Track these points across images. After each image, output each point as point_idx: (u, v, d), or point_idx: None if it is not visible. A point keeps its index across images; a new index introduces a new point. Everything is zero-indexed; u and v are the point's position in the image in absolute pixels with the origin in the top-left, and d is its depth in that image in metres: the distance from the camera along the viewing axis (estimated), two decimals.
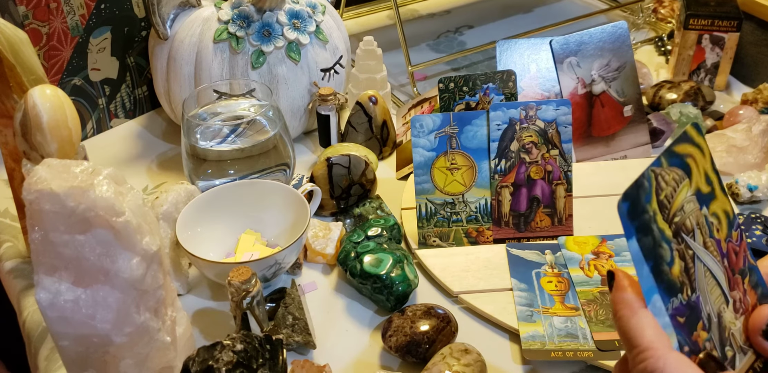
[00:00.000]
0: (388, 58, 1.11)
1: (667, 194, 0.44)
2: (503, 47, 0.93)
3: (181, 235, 0.74)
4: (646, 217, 0.43)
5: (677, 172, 0.45)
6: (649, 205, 0.43)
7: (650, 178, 0.44)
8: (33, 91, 0.62)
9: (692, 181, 0.46)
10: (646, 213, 0.43)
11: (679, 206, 0.45)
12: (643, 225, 0.43)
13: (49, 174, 0.53)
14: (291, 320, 0.71)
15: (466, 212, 0.82)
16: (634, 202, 0.43)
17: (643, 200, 0.43)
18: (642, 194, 0.43)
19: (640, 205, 0.43)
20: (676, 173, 0.45)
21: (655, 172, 0.44)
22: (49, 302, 0.55)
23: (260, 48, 0.89)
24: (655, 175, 0.44)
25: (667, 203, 0.44)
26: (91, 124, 1.01)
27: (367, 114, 0.94)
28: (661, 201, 0.44)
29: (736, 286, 0.48)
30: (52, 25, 0.90)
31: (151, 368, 0.60)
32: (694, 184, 0.46)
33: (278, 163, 0.86)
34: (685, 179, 0.46)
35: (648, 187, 0.44)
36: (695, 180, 0.46)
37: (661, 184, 0.44)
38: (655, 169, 0.44)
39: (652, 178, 0.44)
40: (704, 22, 1.05)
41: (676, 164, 0.46)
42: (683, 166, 0.46)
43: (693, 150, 0.47)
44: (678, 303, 0.43)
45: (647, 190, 0.43)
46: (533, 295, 0.75)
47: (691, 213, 0.46)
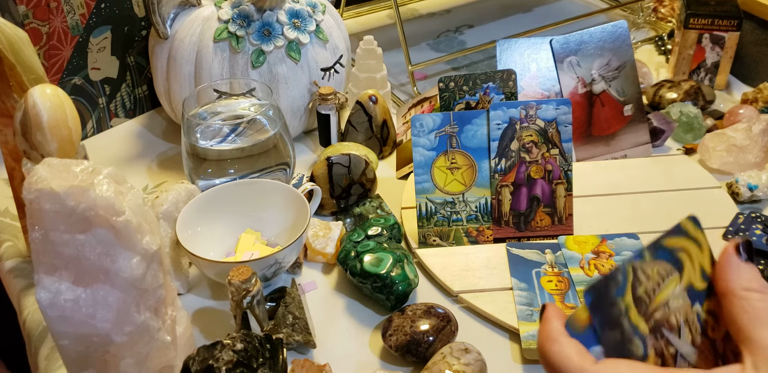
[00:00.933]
0: (388, 58, 1.11)
1: (647, 289, 0.42)
2: (503, 46, 0.93)
3: (181, 234, 0.74)
4: (615, 311, 0.41)
5: (663, 266, 0.43)
6: (620, 298, 0.42)
7: (626, 272, 0.42)
8: (33, 91, 0.62)
9: (684, 275, 0.44)
10: (615, 307, 0.41)
11: (664, 301, 0.43)
12: (611, 319, 0.41)
13: (49, 173, 0.53)
14: (291, 319, 0.71)
15: (466, 211, 0.82)
16: (599, 294, 0.41)
17: (612, 293, 0.41)
18: (613, 287, 0.41)
19: (608, 298, 0.41)
20: (662, 267, 0.43)
21: (633, 267, 0.42)
22: (50, 302, 0.55)
23: (260, 47, 0.89)
24: (633, 269, 0.42)
25: (647, 298, 0.42)
26: (91, 123, 1.01)
27: (367, 113, 0.94)
28: (639, 296, 0.42)
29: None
30: (52, 24, 0.90)
31: (151, 368, 0.60)
32: (685, 280, 0.44)
33: (278, 162, 0.86)
34: (674, 274, 0.44)
35: (622, 281, 0.42)
36: (687, 275, 0.44)
37: (640, 278, 0.42)
38: (635, 264, 0.42)
39: (628, 272, 0.42)
40: (704, 21, 1.05)
41: (664, 258, 0.43)
42: (673, 261, 0.44)
43: (687, 244, 0.45)
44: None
45: (620, 283, 0.42)
46: (533, 294, 0.75)
47: (677, 310, 0.44)
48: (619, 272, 0.42)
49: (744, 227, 0.82)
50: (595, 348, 0.41)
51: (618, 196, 0.88)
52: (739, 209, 0.86)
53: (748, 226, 0.82)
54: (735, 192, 0.88)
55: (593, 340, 0.41)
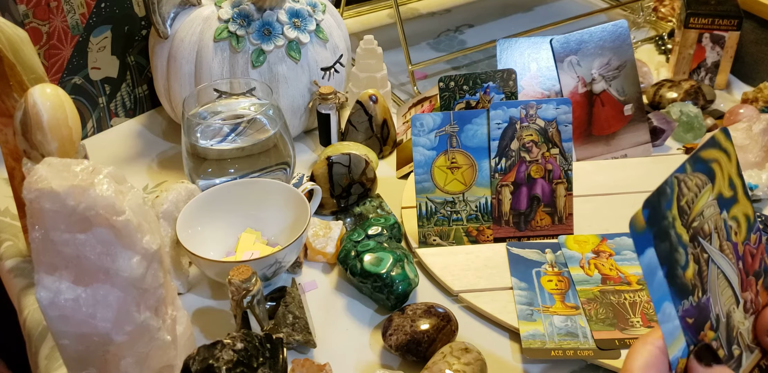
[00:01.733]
0: (389, 57, 1.11)
1: (688, 200, 0.45)
2: (503, 46, 0.93)
3: (181, 234, 0.74)
4: (665, 223, 0.44)
5: (700, 177, 0.46)
6: (669, 211, 0.44)
7: (672, 184, 0.45)
8: (33, 90, 0.62)
9: (715, 186, 0.47)
10: (666, 219, 0.44)
11: (699, 210, 0.46)
12: (662, 231, 0.44)
13: (49, 173, 0.53)
14: (291, 318, 0.71)
15: (467, 210, 0.82)
16: (655, 208, 0.44)
17: (663, 206, 0.44)
18: (663, 200, 0.44)
19: (660, 211, 0.44)
20: (699, 179, 0.46)
21: (678, 179, 0.45)
22: (50, 301, 0.55)
23: (260, 47, 0.89)
24: (678, 182, 0.45)
25: (687, 208, 0.45)
26: (91, 123, 1.01)
27: (368, 113, 0.94)
28: (682, 207, 0.45)
29: (748, 287, 0.49)
30: (53, 24, 0.90)
31: (151, 367, 0.60)
32: (716, 189, 0.47)
33: (278, 162, 0.86)
34: (707, 184, 0.47)
35: (670, 193, 0.44)
36: (718, 185, 0.47)
37: (683, 190, 0.45)
38: (679, 176, 0.45)
39: (674, 184, 0.45)
40: (704, 20, 1.05)
41: (701, 170, 0.46)
42: (707, 172, 0.47)
43: (719, 155, 0.48)
44: (688, 305, 0.44)
45: (668, 197, 0.44)
46: (533, 294, 0.75)
47: (710, 217, 0.47)
48: (667, 185, 0.44)
49: None
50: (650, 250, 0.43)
51: (618, 195, 0.88)
52: None
53: None
54: None
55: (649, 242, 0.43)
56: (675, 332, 0.44)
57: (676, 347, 0.44)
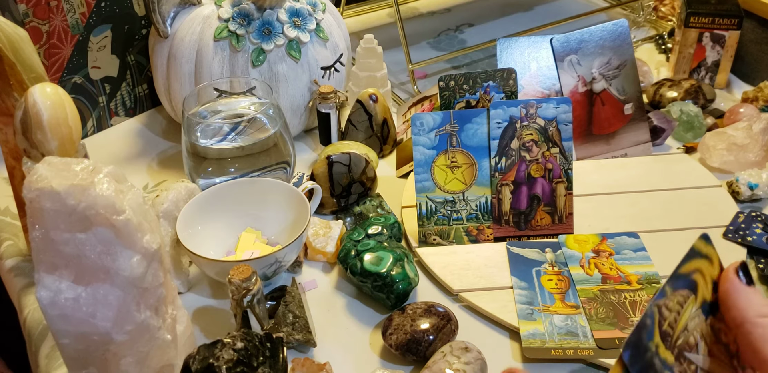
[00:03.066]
0: (389, 56, 1.11)
1: (670, 321, 0.44)
2: (504, 45, 0.93)
3: (181, 233, 0.74)
4: (648, 355, 0.42)
5: (682, 293, 0.44)
6: (651, 342, 0.42)
7: (653, 314, 0.43)
8: (33, 90, 0.62)
9: (698, 295, 0.45)
10: (648, 351, 0.42)
11: (683, 326, 0.44)
12: (646, 365, 0.42)
13: (49, 172, 0.53)
14: (291, 318, 0.71)
15: (467, 210, 0.82)
16: (636, 346, 0.42)
17: (645, 340, 0.42)
18: (644, 334, 0.42)
19: (641, 347, 0.42)
20: (681, 295, 0.44)
21: (658, 306, 0.43)
22: (50, 300, 0.55)
23: (260, 46, 0.89)
24: (658, 309, 0.43)
25: (671, 329, 0.44)
26: (91, 122, 1.01)
27: (368, 112, 0.94)
28: (665, 331, 0.43)
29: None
30: (53, 23, 0.90)
31: (151, 366, 0.60)
32: (699, 298, 0.45)
33: (279, 161, 0.86)
34: (690, 296, 0.45)
35: (650, 324, 0.43)
36: (701, 293, 0.45)
37: (664, 314, 0.43)
38: (659, 302, 0.43)
39: (655, 313, 0.43)
40: (705, 20, 1.05)
41: (682, 286, 0.44)
42: (689, 285, 0.45)
43: (700, 263, 0.46)
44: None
45: (649, 328, 0.42)
46: (533, 293, 0.75)
47: (695, 328, 0.45)
48: (647, 317, 0.42)
49: (744, 226, 0.82)
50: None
51: (618, 195, 0.88)
52: (740, 207, 0.86)
53: (749, 225, 0.82)
54: (735, 191, 0.88)
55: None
56: None
57: None
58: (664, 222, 0.83)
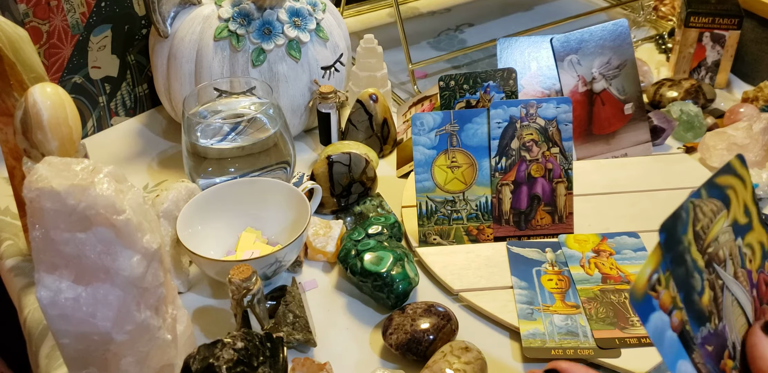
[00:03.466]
0: (389, 56, 1.11)
1: (703, 225, 0.45)
2: (504, 45, 0.93)
3: (181, 233, 0.74)
4: (681, 247, 0.43)
5: (716, 203, 0.46)
6: (684, 236, 0.44)
7: (688, 209, 0.44)
8: (33, 89, 0.62)
9: (730, 212, 0.46)
10: (681, 244, 0.43)
11: (714, 236, 0.45)
12: (678, 255, 0.43)
13: (49, 172, 0.53)
14: (291, 317, 0.71)
15: (467, 209, 0.82)
16: (671, 233, 0.43)
17: (679, 231, 0.43)
18: (679, 225, 0.43)
19: (676, 236, 0.43)
20: (715, 204, 0.46)
21: (693, 204, 0.44)
22: (50, 300, 0.55)
23: (261, 46, 0.89)
24: (694, 207, 0.44)
25: (703, 233, 0.45)
26: (91, 122, 1.01)
27: (368, 112, 0.94)
28: (697, 232, 0.44)
29: (762, 315, 0.48)
30: (53, 23, 0.90)
31: (151, 366, 0.60)
32: (731, 216, 0.47)
33: (279, 161, 0.86)
34: (723, 211, 0.46)
35: (685, 218, 0.44)
36: (733, 211, 0.47)
37: (698, 215, 0.44)
38: (694, 201, 0.44)
39: (690, 209, 0.44)
40: (705, 19, 1.05)
41: (716, 196, 0.46)
42: (723, 198, 0.46)
43: (734, 181, 0.47)
44: (707, 332, 0.44)
45: (684, 221, 0.44)
46: (534, 293, 0.75)
47: (725, 244, 0.46)
48: (683, 210, 0.44)
49: None
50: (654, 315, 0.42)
51: (618, 194, 0.88)
52: None
53: None
54: None
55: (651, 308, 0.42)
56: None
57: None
58: None
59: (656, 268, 0.42)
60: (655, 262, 0.42)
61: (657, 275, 0.42)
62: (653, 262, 0.42)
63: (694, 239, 0.44)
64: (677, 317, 0.43)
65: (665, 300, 0.43)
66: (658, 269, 0.42)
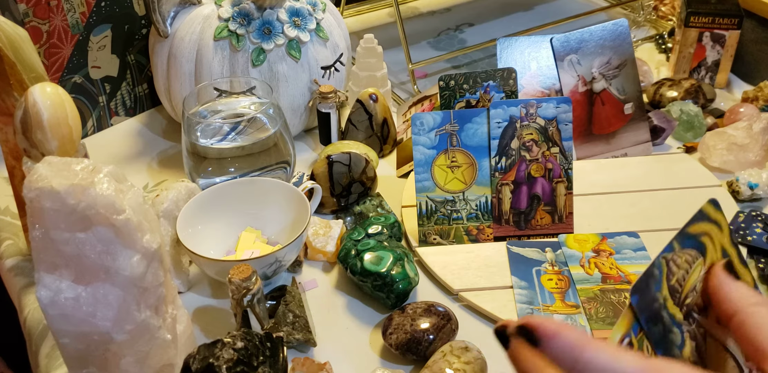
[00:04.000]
0: (389, 56, 1.11)
1: (678, 278, 0.44)
2: (504, 45, 0.93)
3: (181, 233, 0.74)
4: (656, 305, 0.42)
5: (690, 253, 0.45)
6: (659, 293, 0.43)
7: (660, 265, 0.43)
8: (33, 89, 0.62)
9: (707, 259, 0.46)
10: (656, 301, 0.43)
11: (692, 286, 0.44)
12: (653, 314, 0.42)
13: (49, 172, 0.53)
14: (291, 317, 0.71)
15: (467, 209, 0.82)
16: (643, 294, 0.42)
17: (653, 289, 0.42)
18: (652, 283, 0.42)
19: (649, 295, 0.42)
20: (689, 255, 0.45)
21: (666, 259, 0.43)
22: (50, 300, 0.55)
23: (261, 46, 0.89)
24: (666, 262, 0.43)
25: (679, 286, 0.44)
26: (91, 121, 1.01)
27: (368, 112, 0.94)
28: (672, 286, 0.43)
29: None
30: (53, 22, 0.90)
31: (151, 366, 0.61)
32: (708, 262, 0.46)
33: (279, 160, 0.86)
34: (698, 259, 0.45)
35: (659, 275, 0.43)
36: (710, 257, 0.46)
37: (672, 269, 0.43)
38: (666, 256, 0.43)
39: (662, 265, 0.43)
40: (705, 19, 1.05)
41: (690, 245, 0.45)
42: (698, 246, 0.45)
43: (709, 227, 0.46)
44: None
45: (657, 278, 0.43)
46: (534, 292, 0.75)
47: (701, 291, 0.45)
48: (655, 267, 0.43)
49: (744, 226, 0.82)
50: None
51: (618, 194, 0.88)
52: (740, 207, 0.86)
53: (749, 224, 0.82)
54: (735, 191, 0.88)
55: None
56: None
57: None
58: (664, 222, 0.83)
59: (627, 331, 0.42)
60: (625, 325, 0.41)
61: (628, 338, 0.42)
62: (623, 325, 0.41)
63: (670, 293, 0.43)
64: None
65: None
66: (629, 332, 0.42)
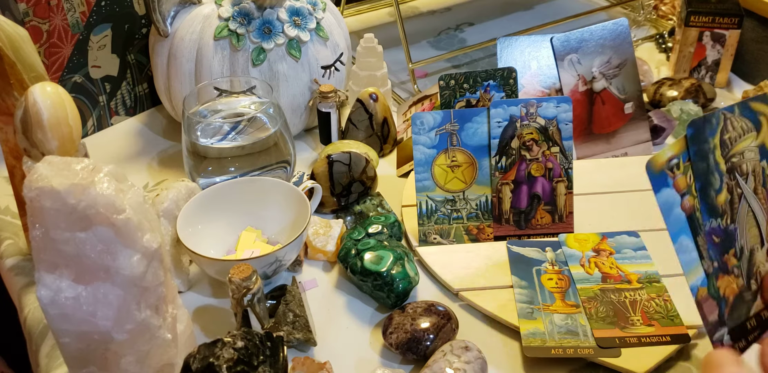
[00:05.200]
0: (389, 56, 1.11)
1: (731, 137, 0.48)
2: (504, 44, 0.93)
3: (181, 232, 0.74)
4: (706, 146, 0.47)
5: (746, 122, 0.49)
6: (711, 138, 0.47)
7: (719, 118, 0.47)
8: (33, 89, 0.62)
9: (760, 135, 0.50)
10: (707, 143, 0.47)
11: (740, 150, 0.49)
12: (702, 152, 0.46)
13: (49, 171, 0.53)
14: (292, 317, 0.71)
15: (467, 209, 0.82)
16: (699, 130, 0.46)
17: (706, 132, 0.47)
18: (708, 127, 0.47)
19: (703, 134, 0.46)
20: (745, 123, 0.49)
21: (725, 115, 0.47)
22: (50, 300, 0.55)
23: (261, 45, 0.89)
24: (725, 118, 0.48)
25: (729, 143, 0.48)
26: (91, 121, 1.01)
27: (368, 111, 0.94)
28: (724, 140, 0.48)
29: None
30: (53, 22, 0.90)
31: (151, 365, 0.61)
32: (761, 139, 0.50)
33: (279, 160, 0.86)
34: (752, 131, 0.49)
35: (715, 124, 0.47)
36: (763, 135, 0.50)
37: (728, 126, 0.48)
38: (726, 113, 0.48)
39: (720, 118, 0.47)
40: (705, 19, 1.05)
41: (748, 116, 0.49)
42: (754, 120, 0.49)
43: (767, 110, 0.50)
44: (716, 225, 0.48)
45: (714, 126, 0.47)
46: (534, 292, 0.75)
47: (750, 160, 0.49)
48: (714, 117, 0.48)
49: None
50: (666, 190, 0.47)
51: (618, 194, 0.88)
52: None
53: None
54: None
55: (664, 182, 0.47)
56: (692, 263, 0.47)
57: (695, 276, 0.47)
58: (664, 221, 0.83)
59: (677, 154, 0.46)
60: (677, 149, 0.46)
61: (677, 160, 0.46)
62: (676, 148, 0.46)
63: (720, 144, 0.47)
64: (689, 202, 0.47)
65: (680, 183, 0.47)
66: (679, 155, 0.46)
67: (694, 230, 0.48)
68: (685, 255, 0.47)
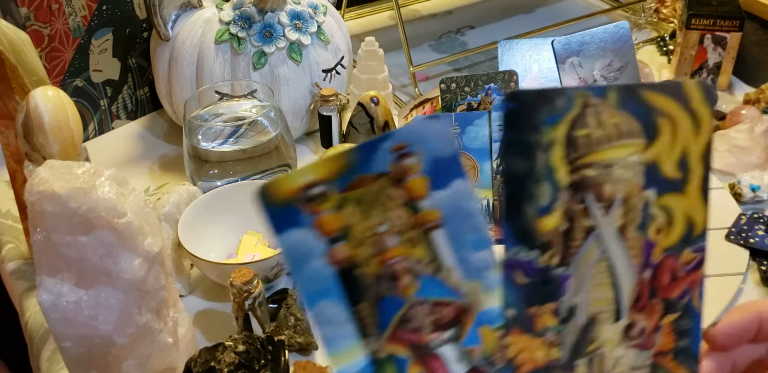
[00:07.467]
0: (390, 59, 1.11)
1: (592, 135, 0.32)
2: (505, 47, 0.93)
3: (182, 236, 0.74)
4: (534, 138, 0.31)
5: (629, 122, 0.32)
6: (549, 127, 0.31)
7: (573, 99, 0.31)
8: (35, 93, 0.62)
9: (651, 148, 0.33)
10: (537, 133, 0.31)
11: (606, 160, 0.32)
12: (524, 144, 0.31)
13: (51, 175, 0.53)
14: (293, 321, 0.71)
15: None
16: (525, 106, 0.30)
17: (540, 114, 0.31)
18: (544, 106, 0.30)
19: (532, 118, 0.30)
20: (626, 123, 0.32)
21: (585, 101, 0.31)
22: (52, 304, 0.55)
23: (262, 49, 0.89)
24: (584, 103, 0.31)
25: (585, 145, 0.32)
26: (92, 125, 1.01)
27: (369, 115, 0.94)
28: (575, 137, 0.31)
29: (646, 311, 0.35)
30: (54, 26, 0.90)
31: (153, 369, 0.60)
32: (651, 154, 0.33)
33: (280, 164, 0.86)
34: (635, 139, 0.33)
35: (562, 108, 0.31)
36: (658, 150, 0.33)
37: (587, 118, 0.31)
38: (591, 99, 0.31)
39: (576, 101, 0.31)
40: (706, 21, 1.05)
41: (635, 112, 0.32)
42: (646, 122, 0.33)
43: (678, 113, 0.34)
44: (531, 258, 0.33)
45: (557, 109, 0.31)
46: None
47: (621, 181, 0.33)
48: (562, 97, 0.31)
49: (747, 228, 0.82)
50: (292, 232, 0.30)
51: None
52: (742, 209, 0.86)
53: (751, 227, 0.82)
54: (737, 193, 0.88)
55: (292, 221, 0.30)
56: (343, 341, 0.30)
57: (347, 361, 0.30)
58: None
59: (326, 180, 0.29)
60: (327, 171, 0.29)
61: (323, 189, 0.29)
62: (324, 169, 0.29)
63: (567, 142, 0.31)
64: (344, 251, 0.30)
65: (327, 223, 0.30)
66: (330, 182, 0.29)
67: (354, 293, 0.31)
68: (330, 329, 0.30)
